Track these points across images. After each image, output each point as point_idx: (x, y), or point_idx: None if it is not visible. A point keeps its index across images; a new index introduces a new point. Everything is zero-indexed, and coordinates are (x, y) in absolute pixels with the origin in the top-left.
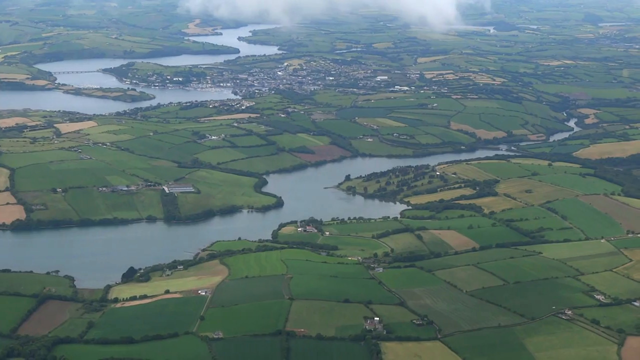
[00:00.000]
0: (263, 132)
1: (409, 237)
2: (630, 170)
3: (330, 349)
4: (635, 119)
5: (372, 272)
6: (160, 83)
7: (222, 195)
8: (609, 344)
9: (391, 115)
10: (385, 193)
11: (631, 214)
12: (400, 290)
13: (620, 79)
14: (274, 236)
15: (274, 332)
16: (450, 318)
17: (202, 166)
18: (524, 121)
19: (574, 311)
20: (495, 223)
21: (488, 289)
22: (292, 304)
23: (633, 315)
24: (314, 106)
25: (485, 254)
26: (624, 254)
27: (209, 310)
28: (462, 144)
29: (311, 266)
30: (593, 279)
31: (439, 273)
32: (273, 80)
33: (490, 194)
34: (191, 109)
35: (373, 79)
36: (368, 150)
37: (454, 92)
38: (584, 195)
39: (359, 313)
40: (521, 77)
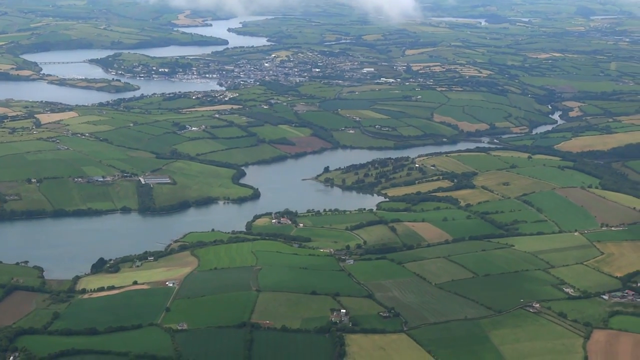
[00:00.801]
0: (244, 124)
1: (383, 229)
2: (611, 164)
3: (294, 340)
4: (619, 112)
5: (342, 264)
6: (145, 74)
7: (199, 187)
8: (575, 337)
9: (374, 107)
10: (363, 185)
11: (607, 207)
12: (369, 283)
13: (608, 72)
14: (248, 228)
15: (238, 324)
16: (418, 311)
17: (180, 157)
18: (508, 114)
19: (541, 304)
20: (470, 215)
21: (457, 282)
22: (258, 296)
23: (601, 308)
24: (297, 98)
25: (457, 247)
26: (596, 247)
27: (175, 302)
28: (444, 136)
29: (281, 258)
30: (563, 272)
31: (409, 265)
32: (259, 72)
33: (467, 186)
34: (174, 100)
35: (359, 70)
36: (349, 142)
37: (439, 85)
38: (560, 188)
39: (326, 305)
40: (508, 70)
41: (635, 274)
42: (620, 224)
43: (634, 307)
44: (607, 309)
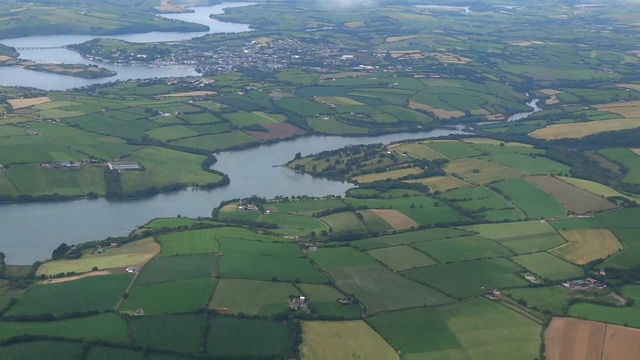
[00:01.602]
0: (218, 110)
1: (349, 216)
2: (583, 151)
3: (250, 327)
4: (596, 101)
5: (305, 251)
6: (123, 60)
7: (168, 173)
8: (534, 324)
9: (350, 94)
10: (333, 172)
11: (575, 194)
12: (331, 270)
13: (588, 60)
14: (215, 214)
15: (195, 311)
16: (377, 298)
17: (151, 143)
18: (484, 101)
19: (502, 292)
20: (438, 203)
21: (419, 269)
22: (218, 283)
23: (561, 296)
24: (274, 84)
25: (422, 234)
26: (561, 235)
27: (134, 288)
28: (419, 123)
29: (244, 244)
30: (526, 260)
31: (372, 252)
32: (238, 58)
33: (438, 173)
34: (149, 86)
35: (338, 57)
36: (323, 128)
37: (417, 72)
38: (530, 175)
39: (286, 292)
40: (488, 58)
41: (598, 262)
42: (587, 211)
43: (595, 295)
44: (568, 296)
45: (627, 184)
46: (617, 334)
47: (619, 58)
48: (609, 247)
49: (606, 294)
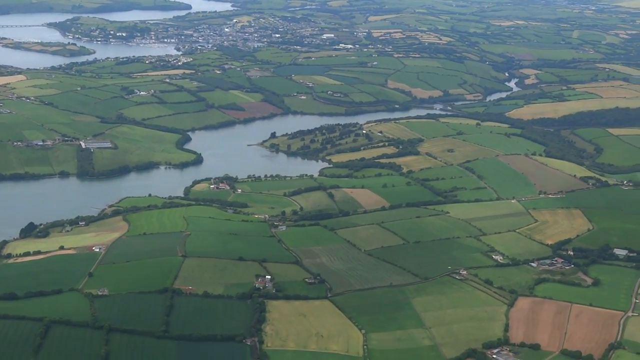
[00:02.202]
0: (194, 89)
1: (321, 196)
2: (559, 131)
3: (214, 307)
4: (575, 80)
5: (274, 230)
6: (103, 38)
7: (141, 152)
8: (499, 304)
9: (329, 73)
10: (308, 151)
11: (547, 174)
12: (299, 249)
13: (569, 40)
14: (186, 193)
15: (160, 290)
16: (344, 277)
17: (126, 122)
18: (463, 81)
19: (469, 271)
20: (411, 182)
21: (387, 248)
22: (184, 262)
23: (528, 276)
24: (252, 63)
25: (392, 213)
26: (530, 215)
27: (99, 267)
28: (397, 102)
29: (213, 224)
30: (494, 240)
31: (341, 232)
32: (219, 37)
33: (412, 153)
34: (127, 65)
35: (319, 36)
36: (300, 107)
37: (397, 51)
38: (504, 155)
39: (252, 271)
40: (469, 37)
41: (566, 241)
42: (558, 191)
43: (562, 275)
44: (535, 276)
45: (601, 164)
46: (582, 314)
47: (601, 38)
48: (579, 227)
49: (573, 273)
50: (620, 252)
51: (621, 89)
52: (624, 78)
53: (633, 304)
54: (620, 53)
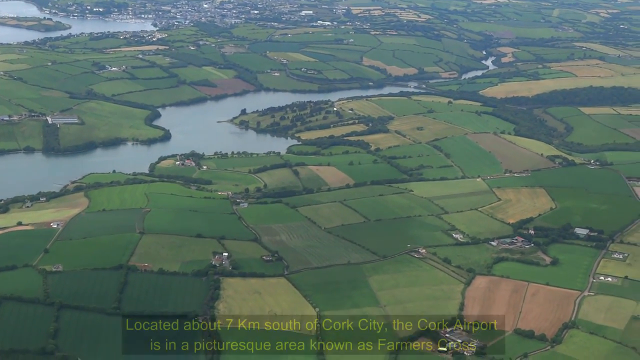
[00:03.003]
0: (167, 65)
1: (286, 173)
2: (532, 110)
3: (169, 284)
4: (551, 59)
5: (236, 207)
6: (79, 13)
7: (108, 127)
8: (456, 283)
9: (304, 50)
10: (278, 128)
11: (515, 153)
12: (258, 226)
13: (549, 18)
14: (151, 169)
15: (115, 266)
16: (302, 255)
17: (95, 97)
18: (439, 59)
19: (428, 250)
20: (377, 160)
21: (347, 226)
22: (141, 238)
23: (487, 254)
24: (228, 39)
25: (355, 191)
26: (494, 194)
27: (55, 243)
28: (371, 80)
29: (174, 200)
30: (456, 218)
31: (302, 209)
32: (197, 13)
33: (381, 130)
34: (101, 40)
35: (298, 13)
36: (273, 84)
37: (375, 28)
38: (473, 133)
39: (210, 248)
40: (449, 15)
41: (528, 220)
42: (524, 170)
43: (521, 254)
44: (494, 255)
45: (570, 143)
46: (538, 293)
47: (581, 17)
48: (542, 206)
49: (533, 252)
50: (582, 231)
51: (597, 67)
52: (600, 57)
53: (590, 284)
54: (599, 32)
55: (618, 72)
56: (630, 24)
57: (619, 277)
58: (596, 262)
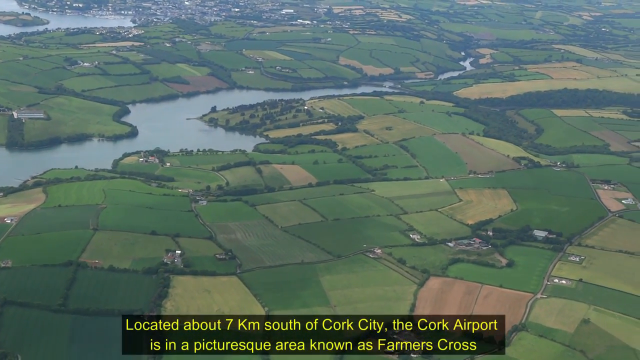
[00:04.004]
0: (140, 61)
1: (249, 171)
2: (505, 111)
3: (118, 281)
4: (529, 61)
5: (194, 204)
6: (59, 9)
7: (75, 123)
8: (409, 284)
9: (281, 48)
10: (247, 126)
11: (481, 154)
12: (215, 224)
13: (532, 20)
14: (114, 166)
15: (65, 263)
16: (256, 253)
17: (64, 93)
18: (415, 59)
19: (383, 250)
20: (342, 159)
21: (304, 225)
22: (94, 235)
23: (443, 255)
24: (205, 37)
25: (317, 190)
26: (456, 194)
27: (7, 239)
28: (346, 79)
29: (132, 197)
30: (415, 218)
31: (261, 208)
32: (177, 10)
33: (350, 130)
34: (77, 35)
35: (278, 12)
36: (246, 82)
37: (354, 28)
38: (441, 134)
39: (163, 246)
40: (430, 16)
41: (487, 221)
42: (488, 171)
43: (478, 256)
44: (450, 256)
45: (539, 145)
46: (491, 295)
47: (563, 19)
48: (503, 207)
49: (490, 254)
50: (540, 233)
51: (573, 70)
52: (578, 59)
53: (544, 286)
54: (580, 35)
55: (594, 75)
56: (611, 27)
57: (574, 280)
58: (552, 265)
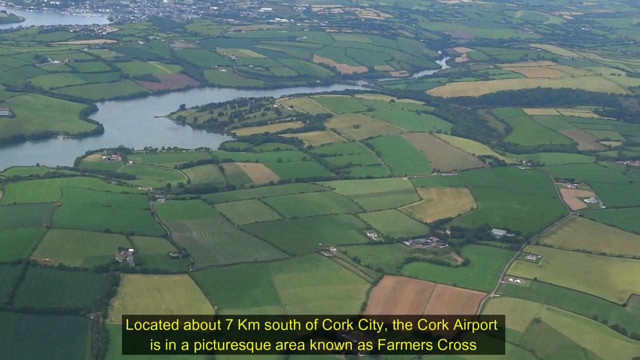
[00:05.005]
0: (111, 59)
1: (211, 169)
2: (476, 110)
3: (67, 279)
4: (505, 60)
5: (152, 202)
6: (35, 6)
7: (40, 121)
8: (363, 282)
9: (255, 46)
10: (215, 124)
11: (446, 152)
12: (171, 222)
13: (511, 19)
14: (77, 163)
15: (14, 261)
16: (210, 252)
17: (32, 91)
18: (390, 57)
19: (339, 248)
20: (307, 157)
21: (261, 224)
22: (47, 233)
23: (399, 254)
24: (180, 35)
25: (277, 189)
26: (417, 193)
27: None
28: (319, 77)
29: (89, 195)
30: (373, 217)
31: (219, 206)
32: (155, 8)
33: (317, 128)
34: (50, 33)
35: (257, 10)
36: (218, 80)
37: (331, 26)
38: (408, 132)
39: (116, 244)
40: (410, 14)
41: (446, 220)
42: (452, 170)
43: (434, 254)
44: (406, 255)
45: (506, 143)
46: (444, 294)
47: (544, 18)
48: (463, 205)
49: (446, 253)
50: (499, 232)
51: (548, 69)
52: (553, 58)
53: (498, 285)
54: (559, 34)
55: (569, 74)
56: (591, 26)
57: (528, 279)
58: (508, 264)
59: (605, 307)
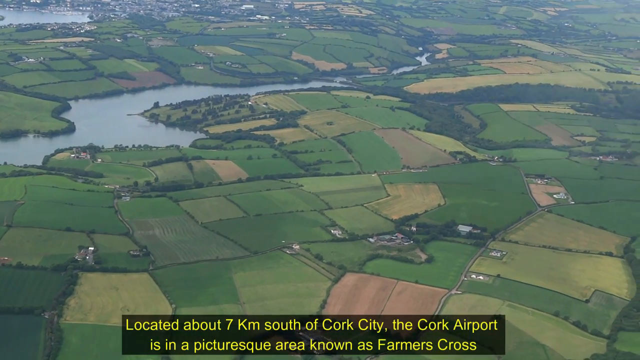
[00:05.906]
0: (87, 57)
1: (180, 166)
2: (453, 106)
3: (24, 278)
4: (485, 56)
5: (117, 200)
6: (15, 5)
7: (10, 119)
8: (324, 280)
9: (234, 43)
10: (188, 121)
11: (417, 148)
12: (134, 220)
13: (495, 16)
14: (45, 162)
15: None
16: (171, 250)
17: (5, 89)
18: (370, 54)
19: (302, 246)
20: (277, 154)
21: (225, 221)
22: (7, 232)
23: (363, 251)
24: (159, 32)
25: (244, 186)
26: (385, 189)
27: None
28: (297, 74)
29: (53, 193)
30: (339, 214)
31: (184, 204)
32: (136, 6)
33: (291, 125)
34: (27, 32)
35: (239, 7)
36: (194, 78)
37: (311, 23)
38: (381, 128)
39: (77, 242)
40: (392, 11)
41: (413, 217)
42: (422, 166)
43: (398, 251)
44: (370, 252)
45: (480, 140)
46: (405, 291)
47: (527, 14)
48: (430, 202)
49: (411, 250)
50: (464, 228)
51: (527, 65)
52: (533, 54)
53: (460, 282)
54: (542, 30)
55: (548, 70)
56: (575, 22)
57: (491, 276)
58: (472, 260)
59: (568, 304)
